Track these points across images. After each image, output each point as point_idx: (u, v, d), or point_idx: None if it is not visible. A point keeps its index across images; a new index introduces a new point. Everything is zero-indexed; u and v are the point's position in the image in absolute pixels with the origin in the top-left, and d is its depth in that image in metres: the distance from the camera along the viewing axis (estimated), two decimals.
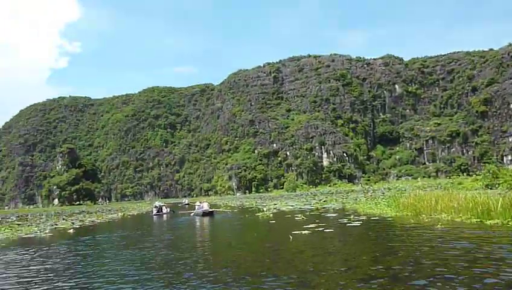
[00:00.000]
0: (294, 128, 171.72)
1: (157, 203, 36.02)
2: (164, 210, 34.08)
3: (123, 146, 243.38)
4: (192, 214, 28.46)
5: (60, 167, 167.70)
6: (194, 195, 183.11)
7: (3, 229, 24.72)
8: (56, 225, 28.31)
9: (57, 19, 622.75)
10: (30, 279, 8.02)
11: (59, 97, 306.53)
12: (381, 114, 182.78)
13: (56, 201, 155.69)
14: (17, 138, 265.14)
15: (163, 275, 7.38)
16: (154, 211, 33.54)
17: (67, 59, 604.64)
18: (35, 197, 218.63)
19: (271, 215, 22.16)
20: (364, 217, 15.99)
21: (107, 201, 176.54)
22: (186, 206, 56.55)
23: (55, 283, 7.54)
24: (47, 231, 21.50)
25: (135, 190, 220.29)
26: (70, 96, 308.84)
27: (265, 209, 28.31)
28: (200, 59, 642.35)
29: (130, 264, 9.02)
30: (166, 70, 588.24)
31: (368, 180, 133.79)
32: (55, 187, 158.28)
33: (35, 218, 40.40)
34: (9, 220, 38.83)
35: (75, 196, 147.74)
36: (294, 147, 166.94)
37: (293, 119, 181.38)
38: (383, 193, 33.74)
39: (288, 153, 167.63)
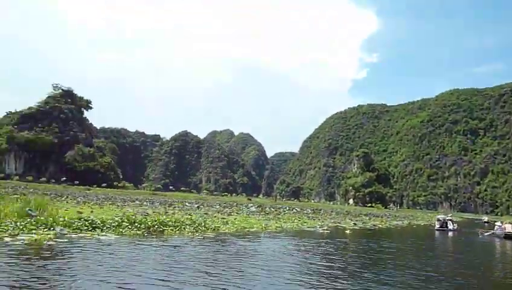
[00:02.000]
0: None
1: (440, 217, 32.33)
2: (450, 226, 29.97)
3: (417, 152, 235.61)
4: (488, 234, 22.95)
5: (356, 169, 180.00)
6: (498, 213, 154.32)
7: (293, 219, 27.26)
8: (339, 223, 29.17)
9: (359, 33, 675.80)
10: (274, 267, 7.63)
11: (358, 105, 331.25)
12: None
13: (351, 201, 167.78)
14: (323, 142, 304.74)
15: None
16: (437, 225, 30.04)
17: (366, 70, 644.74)
18: (335, 195, 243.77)
19: None
20: None
21: (398, 207, 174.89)
22: (486, 224, 48.08)
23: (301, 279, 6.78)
24: (325, 228, 22.08)
25: (428, 199, 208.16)
26: (367, 104, 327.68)
27: None
28: (508, 53, 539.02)
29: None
30: (465, 72, 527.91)
31: None
32: (350, 188, 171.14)
33: (326, 214, 43.49)
34: (305, 212, 43.23)
35: (367, 198, 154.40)
36: None
37: None
38: None
39: None
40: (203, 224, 15.62)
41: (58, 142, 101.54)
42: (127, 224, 13.01)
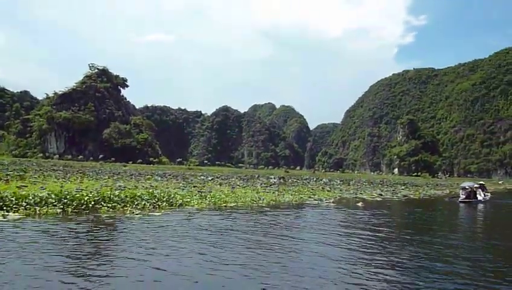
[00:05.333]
0: None
1: (467, 184, 24.77)
2: (480, 197, 23.80)
3: (468, 118, 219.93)
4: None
5: (400, 137, 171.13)
6: None
7: (304, 191, 24.52)
8: (361, 194, 26.22)
9: None
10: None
11: (403, 71, 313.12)
12: None
13: (396, 170, 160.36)
14: (367, 111, 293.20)
15: None
16: (462, 196, 23.30)
17: (413, 34, 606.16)
18: (380, 166, 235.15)
19: None
20: None
21: (447, 175, 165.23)
22: None
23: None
24: (331, 200, 19.09)
25: (481, 166, 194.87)
26: (414, 68, 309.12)
27: None
28: None
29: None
30: None
31: None
32: (395, 157, 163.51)
33: (357, 184, 40.43)
34: (332, 183, 40.13)
35: (413, 167, 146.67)
36: None
37: None
38: None
39: None
40: (164, 199, 13.17)
41: (94, 120, 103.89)
42: (53, 201, 10.83)
